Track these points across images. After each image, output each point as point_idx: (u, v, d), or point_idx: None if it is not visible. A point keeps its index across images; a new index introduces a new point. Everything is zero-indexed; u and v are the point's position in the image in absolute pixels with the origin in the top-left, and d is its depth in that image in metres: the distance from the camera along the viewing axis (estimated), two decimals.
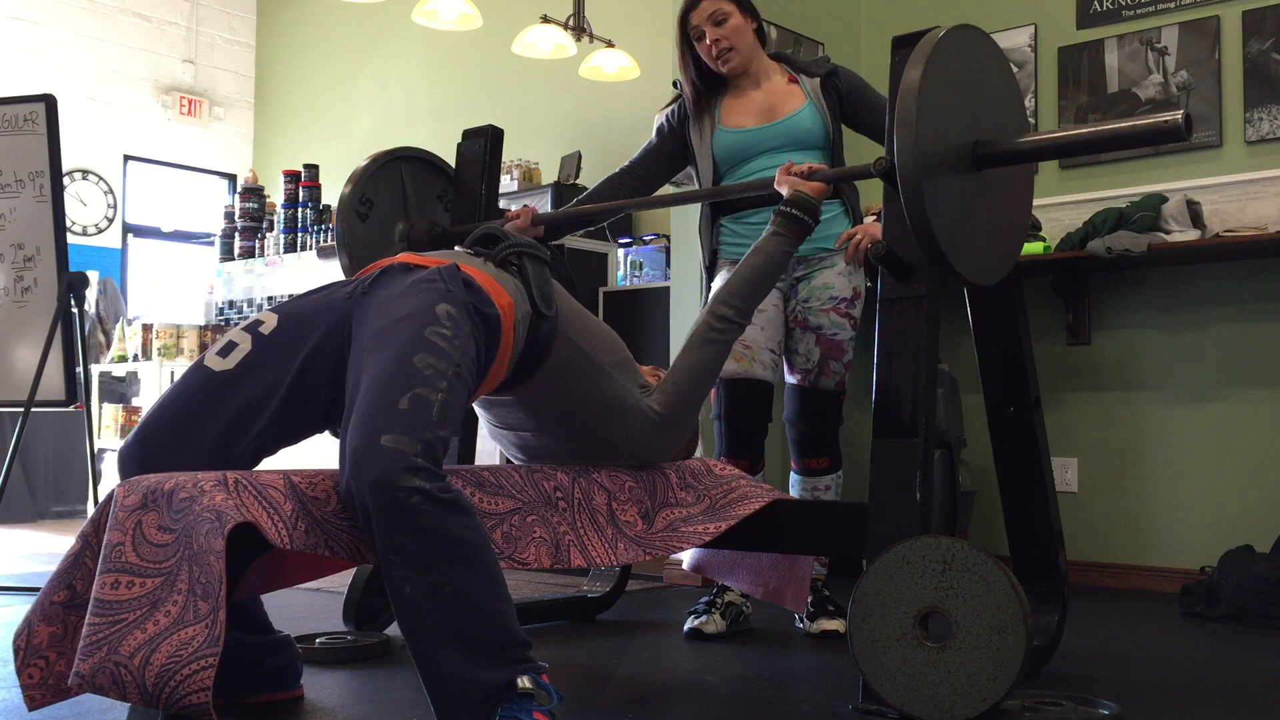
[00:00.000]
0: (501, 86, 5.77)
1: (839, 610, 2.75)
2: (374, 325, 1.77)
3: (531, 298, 1.97)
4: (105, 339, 6.27)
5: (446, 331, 1.73)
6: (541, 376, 2.01)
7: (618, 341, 2.16)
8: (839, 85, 2.79)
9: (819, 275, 2.77)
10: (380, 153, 2.75)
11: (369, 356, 1.72)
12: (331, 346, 1.85)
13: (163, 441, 1.77)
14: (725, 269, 2.82)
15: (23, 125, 3.96)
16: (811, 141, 2.77)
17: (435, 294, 1.79)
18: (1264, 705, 2.17)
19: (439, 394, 1.65)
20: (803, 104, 2.78)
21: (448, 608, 1.56)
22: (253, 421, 1.82)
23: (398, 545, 1.55)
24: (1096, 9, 3.98)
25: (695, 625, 2.72)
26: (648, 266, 4.54)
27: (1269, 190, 3.60)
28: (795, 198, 2.25)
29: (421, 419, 1.60)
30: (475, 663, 1.57)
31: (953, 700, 1.77)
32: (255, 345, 1.85)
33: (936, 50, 1.93)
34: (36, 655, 1.59)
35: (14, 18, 6.78)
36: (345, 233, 2.65)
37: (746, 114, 2.81)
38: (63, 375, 3.86)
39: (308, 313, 1.90)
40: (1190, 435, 3.70)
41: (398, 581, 1.56)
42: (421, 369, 1.66)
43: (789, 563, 2.40)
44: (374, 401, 1.62)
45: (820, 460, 2.80)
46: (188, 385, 1.83)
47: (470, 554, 1.59)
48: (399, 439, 1.56)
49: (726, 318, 2.19)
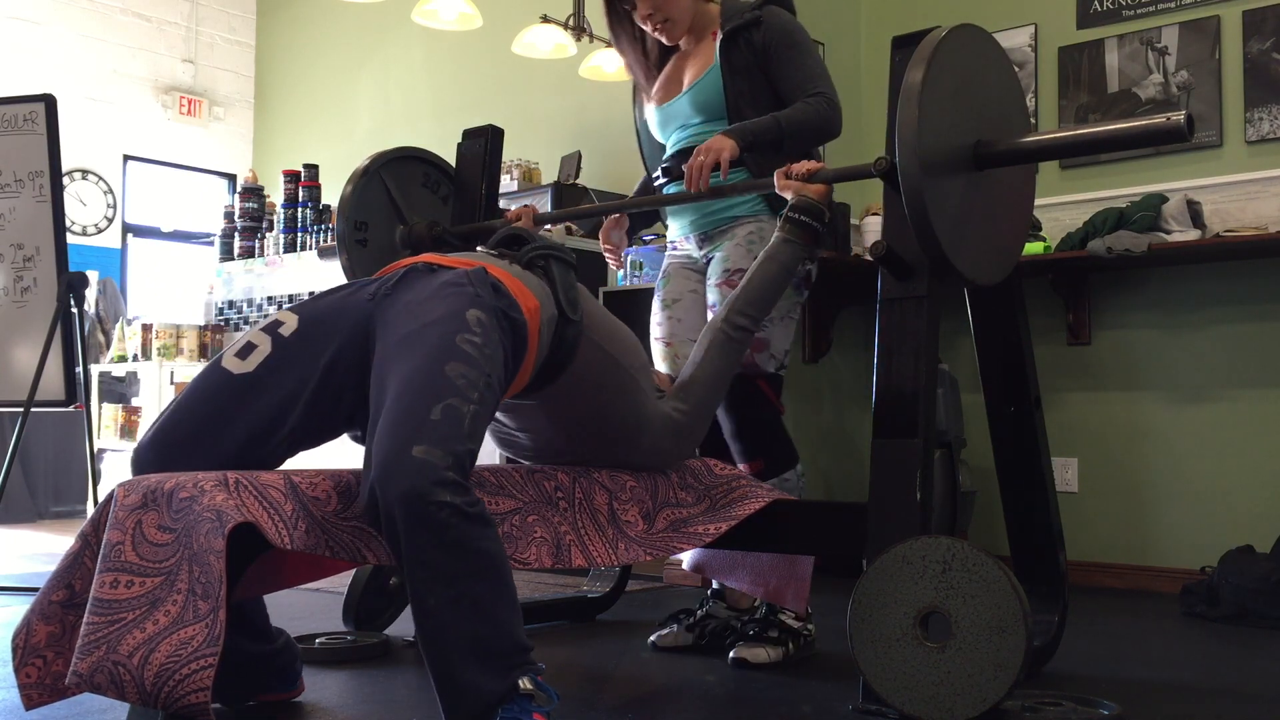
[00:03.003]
0: (501, 86, 5.76)
1: (783, 638, 2.46)
2: (401, 329, 1.73)
3: (558, 301, 1.95)
4: (105, 339, 6.27)
5: (478, 339, 1.70)
6: (565, 380, 1.98)
7: (639, 346, 2.15)
8: (755, 39, 2.49)
9: (720, 249, 2.55)
10: (355, 173, 2.71)
11: (396, 361, 1.68)
12: (354, 349, 1.81)
13: (182, 446, 1.74)
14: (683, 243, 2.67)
15: (22, 125, 3.95)
16: (714, 111, 2.53)
17: (465, 299, 1.75)
18: (1264, 705, 2.17)
19: (471, 405, 1.62)
20: (709, 67, 2.55)
21: (466, 618, 1.57)
22: (276, 426, 1.78)
23: (425, 559, 1.54)
24: (1096, 9, 3.97)
25: (653, 639, 2.62)
26: (648, 266, 4.53)
27: (1269, 190, 3.60)
28: (800, 203, 2.24)
29: (454, 431, 1.58)
30: (485, 671, 1.57)
31: (953, 700, 1.76)
32: (275, 347, 1.81)
33: (938, 51, 1.92)
34: (34, 654, 1.59)
35: (14, 18, 6.77)
36: (351, 264, 2.66)
37: (668, 86, 2.65)
38: (62, 375, 3.86)
39: (329, 314, 1.85)
40: (1190, 435, 3.70)
41: (421, 593, 1.56)
42: (454, 378, 1.63)
43: (790, 562, 2.40)
44: (405, 410, 1.59)
45: (754, 463, 2.50)
46: (206, 388, 1.79)
47: (491, 566, 1.59)
48: (430, 450, 1.54)
49: (742, 327, 2.19)
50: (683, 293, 2.63)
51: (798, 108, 2.44)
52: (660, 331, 2.65)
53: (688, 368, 2.22)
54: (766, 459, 2.51)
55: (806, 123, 2.44)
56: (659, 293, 2.68)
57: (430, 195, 2.85)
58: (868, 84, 4.51)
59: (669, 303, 2.64)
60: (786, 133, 2.41)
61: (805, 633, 2.51)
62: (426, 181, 2.85)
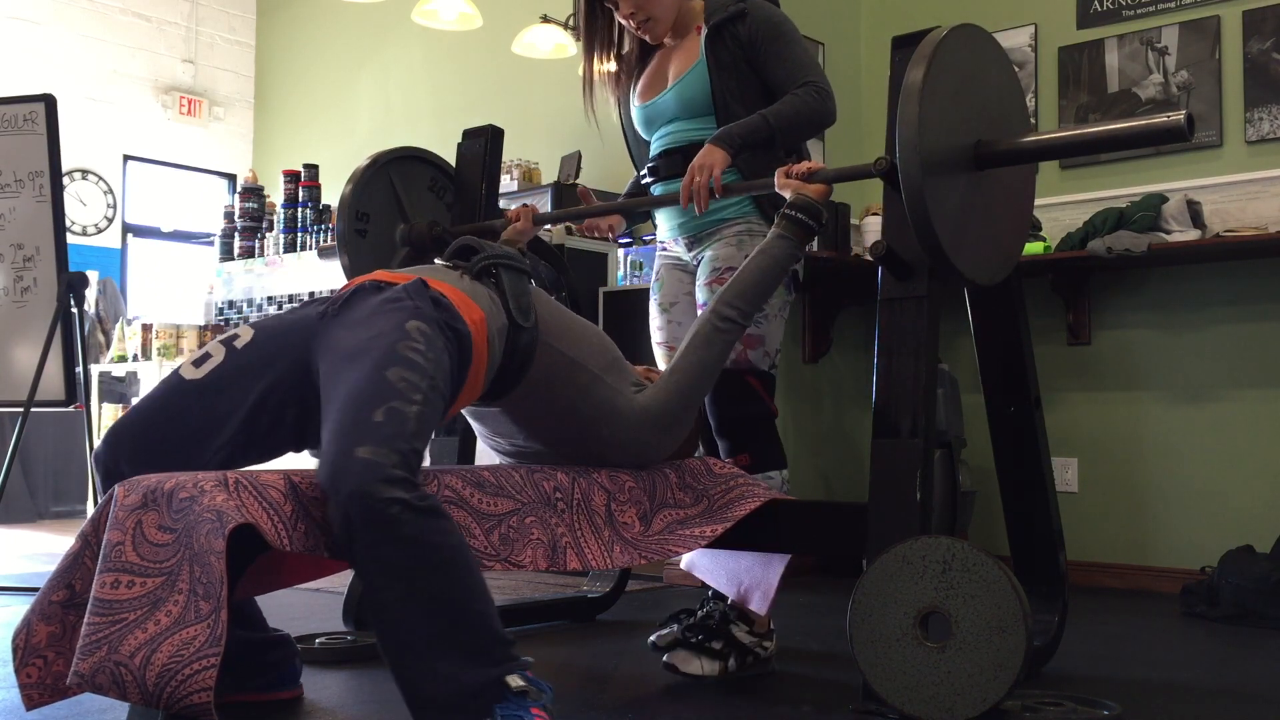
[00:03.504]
0: (501, 86, 5.76)
1: (725, 652, 2.32)
2: (345, 345, 1.77)
3: (508, 310, 1.97)
4: (105, 339, 6.27)
5: (420, 345, 1.74)
6: (526, 386, 2.01)
7: (605, 343, 2.15)
8: (740, 33, 2.42)
9: (710, 250, 2.50)
10: (362, 167, 2.72)
11: (342, 374, 1.71)
12: (299, 367, 1.84)
13: (128, 446, 1.77)
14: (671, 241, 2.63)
15: (22, 125, 3.96)
16: (700, 108, 2.47)
17: (405, 312, 1.79)
18: (1264, 705, 2.17)
19: (414, 406, 1.65)
20: (694, 63, 2.47)
21: (427, 613, 1.57)
22: (215, 433, 1.80)
23: (378, 555, 1.56)
24: (1096, 9, 3.97)
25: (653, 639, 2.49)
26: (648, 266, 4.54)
27: (1269, 190, 3.60)
28: (798, 201, 2.23)
29: (398, 430, 1.61)
30: (462, 664, 1.57)
31: (953, 700, 1.76)
32: (226, 358, 1.85)
33: (938, 50, 1.92)
34: (35, 654, 1.59)
35: (14, 18, 6.78)
36: (350, 261, 2.65)
37: (652, 83, 2.58)
38: (62, 375, 3.86)
39: (282, 330, 1.89)
40: (1190, 435, 3.70)
41: (380, 591, 1.57)
42: (395, 382, 1.66)
43: (763, 564, 2.35)
44: (348, 415, 1.62)
45: (739, 459, 2.43)
46: (159, 392, 1.83)
47: (450, 558, 1.60)
48: (374, 450, 1.57)
49: (729, 318, 2.17)
50: (679, 295, 2.62)
51: (786, 101, 2.38)
52: (661, 336, 2.64)
53: (673, 359, 2.22)
54: (753, 455, 2.44)
55: (797, 116, 2.38)
56: (654, 296, 2.67)
57: (435, 200, 2.85)
58: (868, 84, 4.51)
59: (666, 306, 2.64)
60: (777, 130, 2.35)
61: (759, 650, 2.36)
62: (433, 186, 2.85)
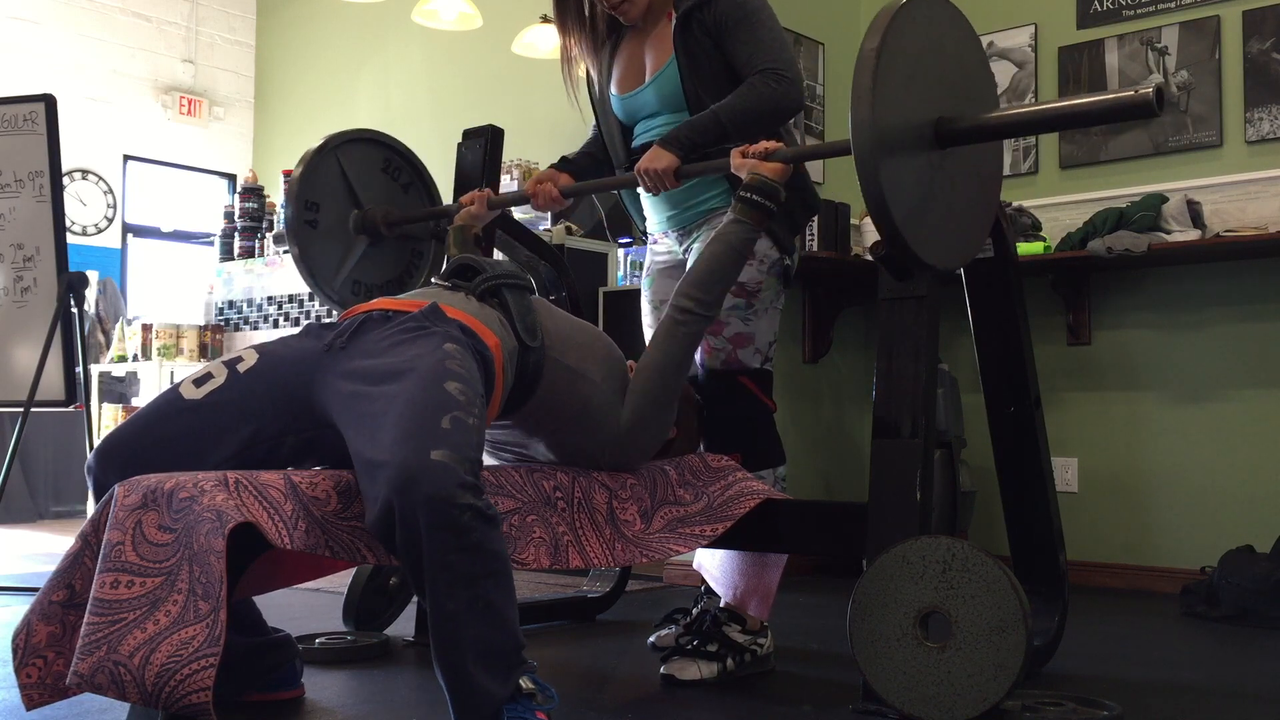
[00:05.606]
0: (501, 86, 5.76)
1: (721, 654, 2.29)
2: (373, 369, 1.76)
3: (515, 331, 1.97)
4: (105, 339, 6.27)
5: (462, 363, 1.75)
6: (534, 402, 2.02)
7: (605, 345, 2.15)
8: (706, 19, 2.31)
9: (700, 240, 2.43)
10: (309, 153, 2.63)
11: (382, 391, 1.69)
12: (301, 398, 1.83)
13: (119, 461, 1.76)
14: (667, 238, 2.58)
15: (22, 125, 3.95)
16: (678, 103, 2.38)
17: (437, 335, 1.80)
18: (1264, 705, 2.17)
19: (474, 418, 1.67)
20: (669, 58, 2.38)
21: (482, 621, 1.59)
22: (208, 456, 1.79)
23: (447, 562, 1.56)
24: (1096, 9, 3.97)
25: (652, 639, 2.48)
26: None
27: (1269, 190, 3.60)
28: (753, 181, 2.14)
29: (465, 439, 1.62)
30: (491, 673, 1.60)
31: (953, 700, 1.76)
32: (228, 381, 1.83)
33: (896, 19, 1.82)
34: (35, 654, 1.59)
35: (14, 18, 6.78)
36: (301, 252, 2.57)
37: (629, 74, 2.49)
38: (62, 375, 3.86)
39: (286, 360, 1.87)
40: (1190, 435, 3.69)
41: (442, 598, 1.57)
42: (455, 394, 1.67)
43: (760, 567, 2.34)
44: (414, 422, 1.61)
45: (733, 456, 2.38)
46: (155, 406, 1.83)
47: (503, 568, 1.63)
48: (449, 455, 1.57)
49: (687, 310, 2.13)
50: (669, 293, 2.60)
51: (739, 93, 2.26)
52: (652, 332, 2.64)
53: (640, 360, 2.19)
54: (747, 453, 2.38)
55: (750, 110, 2.25)
56: (645, 293, 2.67)
57: (390, 182, 2.77)
58: None
59: (658, 304, 2.64)
60: (729, 127, 2.24)
61: (754, 648, 2.34)
62: (387, 167, 2.78)
